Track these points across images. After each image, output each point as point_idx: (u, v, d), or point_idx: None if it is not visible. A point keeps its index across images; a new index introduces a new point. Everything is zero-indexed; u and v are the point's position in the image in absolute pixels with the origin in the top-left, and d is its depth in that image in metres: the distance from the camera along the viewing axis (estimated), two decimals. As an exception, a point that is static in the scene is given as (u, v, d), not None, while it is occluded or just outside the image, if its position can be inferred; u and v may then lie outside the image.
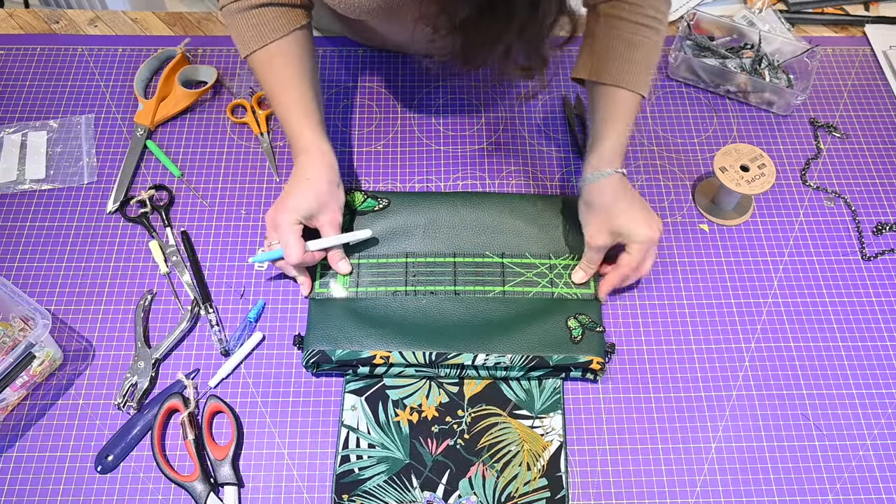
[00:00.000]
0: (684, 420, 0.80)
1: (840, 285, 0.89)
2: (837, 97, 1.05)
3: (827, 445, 0.79)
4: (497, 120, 1.01)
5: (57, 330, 0.84)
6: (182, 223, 0.92)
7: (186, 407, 0.79)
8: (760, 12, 1.11)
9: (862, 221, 0.94)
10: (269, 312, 0.86)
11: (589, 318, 0.83)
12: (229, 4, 0.83)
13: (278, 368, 0.83)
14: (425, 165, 0.97)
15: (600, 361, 0.80)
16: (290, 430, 0.79)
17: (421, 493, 0.76)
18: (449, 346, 0.80)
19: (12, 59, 1.05)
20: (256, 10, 0.82)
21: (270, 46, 0.83)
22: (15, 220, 0.92)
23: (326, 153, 0.84)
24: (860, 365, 0.84)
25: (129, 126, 1.00)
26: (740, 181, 0.88)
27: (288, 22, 0.84)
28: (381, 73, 1.05)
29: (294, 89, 0.84)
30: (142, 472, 0.77)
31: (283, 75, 0.84)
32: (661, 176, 0.97)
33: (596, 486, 0.77)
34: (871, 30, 1.12)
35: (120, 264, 0.89)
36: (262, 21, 0.83)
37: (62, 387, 0.81)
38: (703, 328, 0.86)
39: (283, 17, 0.83)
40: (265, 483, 0.77)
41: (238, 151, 0.98)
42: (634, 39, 0.82)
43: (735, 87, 1.03)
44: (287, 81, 0.84)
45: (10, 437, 0.79)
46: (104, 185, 0.95)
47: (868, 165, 0.99)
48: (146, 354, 0.82)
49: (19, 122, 0.99)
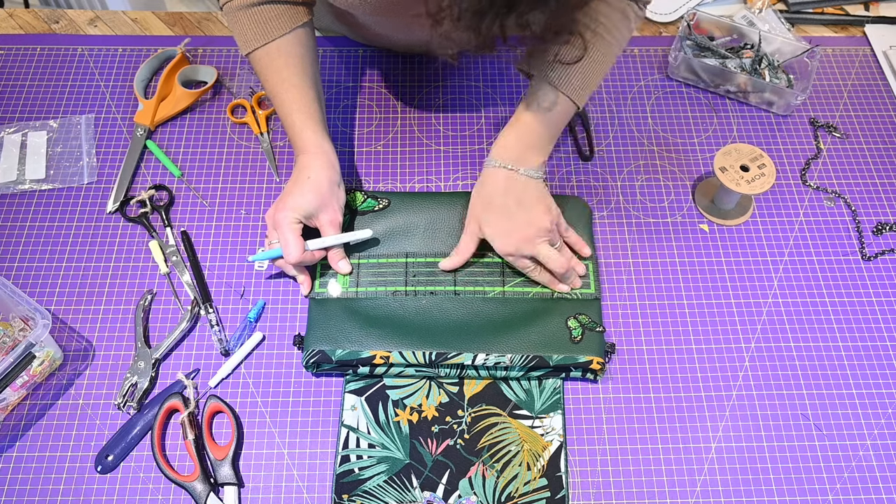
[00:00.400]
0: (684, 420, 0.80)
1: (840, 285, 0.89)
2: (837, 97, 1.05)
3: (827, 445, 0.79)
4: (497, 120, 1.01)
5: (57, 330, 0.84)
6: (182, 223, 0.92)
7: (186, 407, 0.79)
8: (760, 12, 1.11)
9: (862, 221, 0.94)
10: (269, 312, 0.86)
11: (589, 318, 0.83)
12: (230, 2, 0.83)
13: (278, 368, 0.83)
14: (425, 165, 0.97)
15: (600, 361, 0.80)
16: (290, 430, 0.79)
17: (421, 493, 0.76)
18: (449, 346, 0.80)
19: (12, 59, 1.05)
20: (258, 8, 0.82)
21: (272, 44, 0.83)
22: (15, 220, 0.92)
23: (328, 152, 0.84)
24: (860, 365, 0.84)
25: (129, 126, 1.00)
26: (740, 181, 0.88)
27: (290, 19, 0.83)
28: (381, 73, 1.05)
29: (295, 88, 0.84)
30: (142, 472, 0.77)
31: (284, 74, 0.84)
32: (661, 176, 0.97)
33: (596, 486, 0.77)
34: (871, 30, 1.12)
35: (120, 264, 0.89)
36: (264, 18, 0.82)
37: (62, 387, 0.81)
38: (703, 328, 0.86)
39: (284, 15, 0.83)
40: (265, 483, 0.77)
41: (238, 151, 0.98)
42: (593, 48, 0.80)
43: (735, 87, 1.03)
44: (288, 80, 0.84)
45: (10, 437, 0.79)
46: (104, 185, 0.95)
47: (868, 165, 0.99)
48: (146, 354, 0.82)
49: (19, 122, 0.99)
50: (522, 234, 0.81)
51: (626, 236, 0.92)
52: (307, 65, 0.85)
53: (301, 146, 0.84)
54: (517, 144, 0.81)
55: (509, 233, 0.81)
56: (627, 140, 1.00)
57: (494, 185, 0.81)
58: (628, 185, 0.96)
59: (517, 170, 0.81)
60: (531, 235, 0.81)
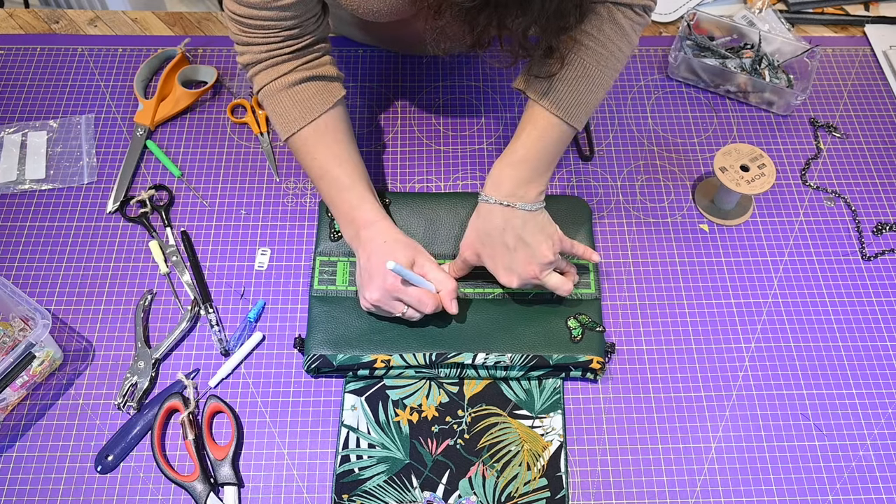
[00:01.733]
0: (684, 420, 0.80)
1: (840, 285, 0.89)
2: (837, 97, 1.05)
3: (827, 445, 0.79)
4: (497, 120, 1.01)
5: (57, 330, 0.84)
6: (182, 223, 0.92)
7: (186, 407, 0.79)
8: (760, 12, 1.11)
9: (862, 221, 0.94)
10: (269, 312, 0.86)
11: (589, 317, 0.83)
12: (269, 85, 0.81)
13: (278, 368, 0.83)
14: (425, 165, 0.97)
15: (600, 361, 0.80)
16: (290, 430, 0.79)
17: (421, 493, 0.76)
18: (449, 347, 0.80)
19: (12, 59, 1.05)
20: (299, 87, 0.81)
21: (319, 120, 0.81)
22: (15, 220, 0.92)
23: (393, 225, 0.81)
24: (860, 365, 0.84)
25: (129, 126, 1.00)
26: (740, 181, 0.88)
27: (330, 95, 0.82)
28: (381, 73, 1.05)
29: (349, 163, 0.82)
30: (142, 472, 0.77)
31: (335, 149, 0.81)
32: (661, 176, 0.97)
33: (596, 486, 0.77)
34: (871, 30, 1.12)
35: (120, 264, 0.89)
36: (307, 96, 0.81)
37: (62, 387, 0.81)
38: (703, 328, 0.86)
39: (324, 91, 0.82)
40: (265, 483, 0.77)
41: (238, 151, 0.98)
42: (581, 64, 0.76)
43: (735, 87, 1.03)
44: (340, 155, 0.82)
45: (10, 437, 0.79)
46: (104, 185, 0.95)
47: (868, 165, 0.99)
48: (146, 354, 0.82)
49: (19, 122, 0.99)
50: (525, 270, 0.77)
51: (626, 236, 0.92)
52: (353, 140, 0.84)
53: (364, 220, 0.80)
54: (512, 179, 0.77)
55: (511, 269, 0.78)
56: (627, 140, 1.00)
57: (491, 222, 0.77)
58: (628, 185, 0.96)
59: (514, 205, 0.76)
60: (536, 272, 0.78)
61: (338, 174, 0.81)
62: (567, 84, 0.76)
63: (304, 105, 0.81)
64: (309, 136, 0.81)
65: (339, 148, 0.82)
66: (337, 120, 0.82)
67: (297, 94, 0.81)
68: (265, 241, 0.91)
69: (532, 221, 0.77)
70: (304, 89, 0.81)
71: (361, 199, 0.81)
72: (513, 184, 0.77)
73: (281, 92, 0.81)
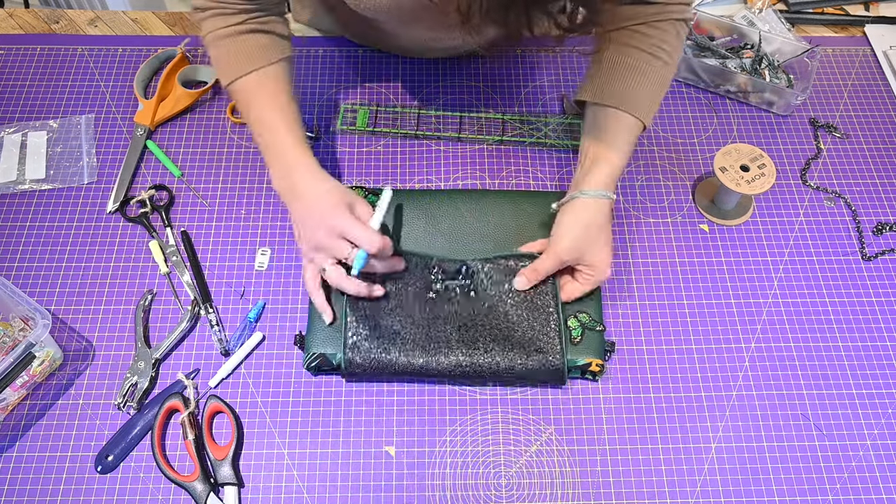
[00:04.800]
0: (684, 420, 0.81)
1: (840, 285, 0.89)
2: (837, 97, 1.05)
3: (827, 445, 0.79)
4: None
5: (57, 330, 0.84)
6: (182, 223, 0.92)
7: (186, 407, 0.79)
8: (760, 12, 1.11)
9: (862, 221, 0.94)
10: (269, 312, 0.86)
11: (589, 316, 0.83)
12: (214, 32, 0.82)
13: (278, 368, 0.83)
14: (425, 165, 0.97)
15: (600, 363, 0.80)
16: (290, 430, 0.79)
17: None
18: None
19: (12, 59, 1.05)
20: (246, 36, 0.82)
21: (263, 70, 0.82)
22: (15, 220, 0.92)
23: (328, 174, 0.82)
24: (860, 365, 0.84)
25: (129, 126, 1.00)
26: (740, 181, 0.88)
27: (279, 50, 0.83)
28: (381, 73, 1.05)
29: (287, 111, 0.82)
30: (142, 472, 0.77)
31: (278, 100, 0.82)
32: (661, 176, 0.97)
33: (596, 486, 0.77)
34: (871, 30, 1.12)
35: (120, 264, 0.89)
36: (255, 46, 0.82)
37: (62, 387, 0.81)
38: (703, 328, 0.86)
39: (274, 45, 0.83)
40: (265, 483, 0.77)
41: (238, 151, 0.98)
42: (644, 68, 0.81)
43: (735, 87, 1.03)
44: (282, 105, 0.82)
45: (10, 437, 0.79)
46: (104, 185, 0.95)
47: (868, 165, 0.99)
48: (146, 354, 0.82)
49: (19, 122, 0.99)
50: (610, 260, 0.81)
51: (626, 236, 0.92)
52: (294, 97, 0.84)
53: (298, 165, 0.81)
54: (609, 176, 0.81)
55: (609, 263, 0.81)
56: (627, 140, 1.00)
57: (604, 215, 0.80)
58: (628, 185, 0.96)
59: (613, 198, 0.81)
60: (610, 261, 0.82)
61: (275, 121, 0.81)
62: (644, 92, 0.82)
63: (250, 54, 0.82)
64: (252, 82, 0.82)
65: (282, 99, 0.82)
66: (281, 73, 0.83)
67: (246, 41, 0.82)
68: (265, 241, 0.91)
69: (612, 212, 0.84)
70: (254, 39, 0.82)
71: (298, 142, 0.81)
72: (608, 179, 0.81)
73: (229, 38, 0.82)
